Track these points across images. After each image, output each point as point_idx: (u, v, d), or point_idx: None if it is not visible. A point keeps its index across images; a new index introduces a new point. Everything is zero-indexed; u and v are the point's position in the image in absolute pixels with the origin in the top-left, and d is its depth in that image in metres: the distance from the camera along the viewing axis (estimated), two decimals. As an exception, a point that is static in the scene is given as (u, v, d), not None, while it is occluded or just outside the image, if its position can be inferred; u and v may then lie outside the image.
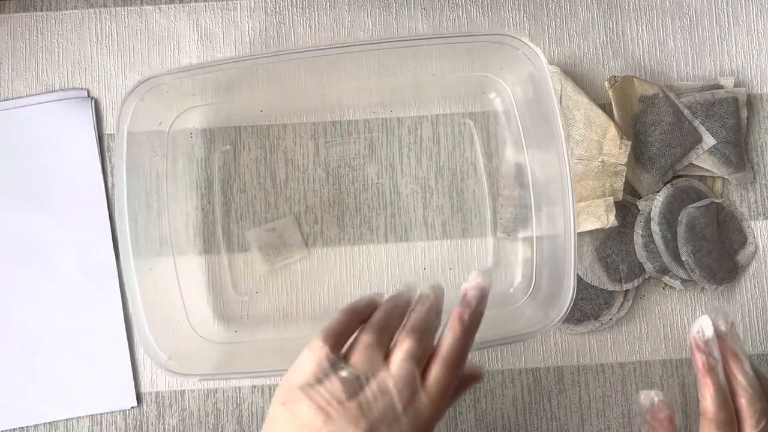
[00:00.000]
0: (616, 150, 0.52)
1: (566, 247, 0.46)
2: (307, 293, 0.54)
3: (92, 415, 0.53)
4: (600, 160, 0.53)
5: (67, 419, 0.53)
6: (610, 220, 0.52)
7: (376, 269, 0.55)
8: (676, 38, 0.57)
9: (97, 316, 0.54)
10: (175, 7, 0.56)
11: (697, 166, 0.55)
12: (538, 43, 0.56)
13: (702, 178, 0.56)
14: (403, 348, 0.37)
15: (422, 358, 0.38)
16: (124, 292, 0.54)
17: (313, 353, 0.37)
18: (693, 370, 0.54)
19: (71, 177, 0.54)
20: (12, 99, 0.55)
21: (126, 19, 0.56)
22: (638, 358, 0.54)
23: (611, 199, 0.52)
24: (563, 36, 0.56)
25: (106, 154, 0.55)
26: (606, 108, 0.54)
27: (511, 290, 0.54)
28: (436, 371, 0.37)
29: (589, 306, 0.54)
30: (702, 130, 0.55)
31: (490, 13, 0.56)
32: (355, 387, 0.36)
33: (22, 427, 0.53)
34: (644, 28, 0.57)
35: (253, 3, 0.56)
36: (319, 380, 0.36)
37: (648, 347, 0.55)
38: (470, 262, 0.55)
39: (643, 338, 0.55)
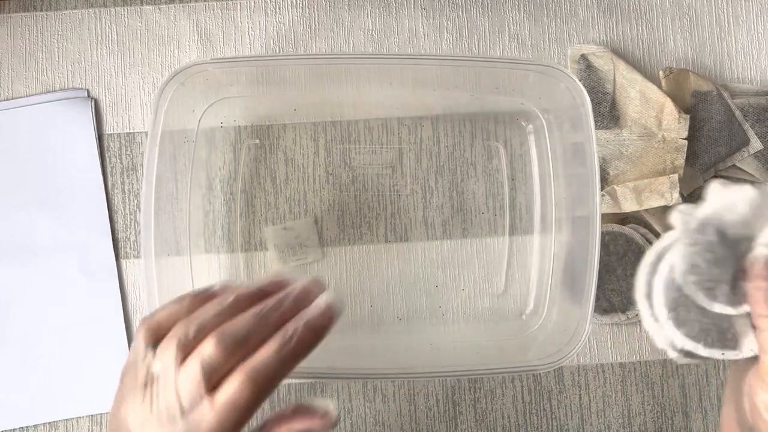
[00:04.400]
0: (675, 124, 0.52)
1: (587, 279, 0.46)
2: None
3: (92, 415, 0.53)
4: (660, 136, 0.52)
5: (67, 419, 0.53)
6: (674, 197, 0.51)
7: (376, 269, 0.55)
8: (676, 38, 0.57)
9: (97, 316, 0.54)
10: (175, 7, 0.56)
11: (740, 168, 0.55)
12: (537, 43, 0.56)
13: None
14: (198, 350, 0.35)
15: (220, 365, 0.35)
16: (125, 291, 0.54)
17: (135, 340, 0.37)
18: (692, 369, 0.54)
19: (71, 177, 0.54)
20: (12, 99, 0.55)
21: (126, 19, 0.56)
22: (638, 358, 0.54)
23: (676, 177, 0.52)
24: (563, 36, 0.56)
25: (106, 154, 0.55)
26: None
27: (523, 317, 0.54)
28: (230, 382, 0.35)
29: (618, 298, 0.54)
30: (751, 133, 0.54)
31: (490, 13, 0.56)
32: (151, 377, 0.36)
33: (22, 427, 0.53)
34: (644, 28, 0.57)
35: (253, 3, 0.56)
36: (133, 364, 0.36)
37: (648, 347, 0.54)
38: (470, 262, 0.55)
39: (643, 338, 0.54)
